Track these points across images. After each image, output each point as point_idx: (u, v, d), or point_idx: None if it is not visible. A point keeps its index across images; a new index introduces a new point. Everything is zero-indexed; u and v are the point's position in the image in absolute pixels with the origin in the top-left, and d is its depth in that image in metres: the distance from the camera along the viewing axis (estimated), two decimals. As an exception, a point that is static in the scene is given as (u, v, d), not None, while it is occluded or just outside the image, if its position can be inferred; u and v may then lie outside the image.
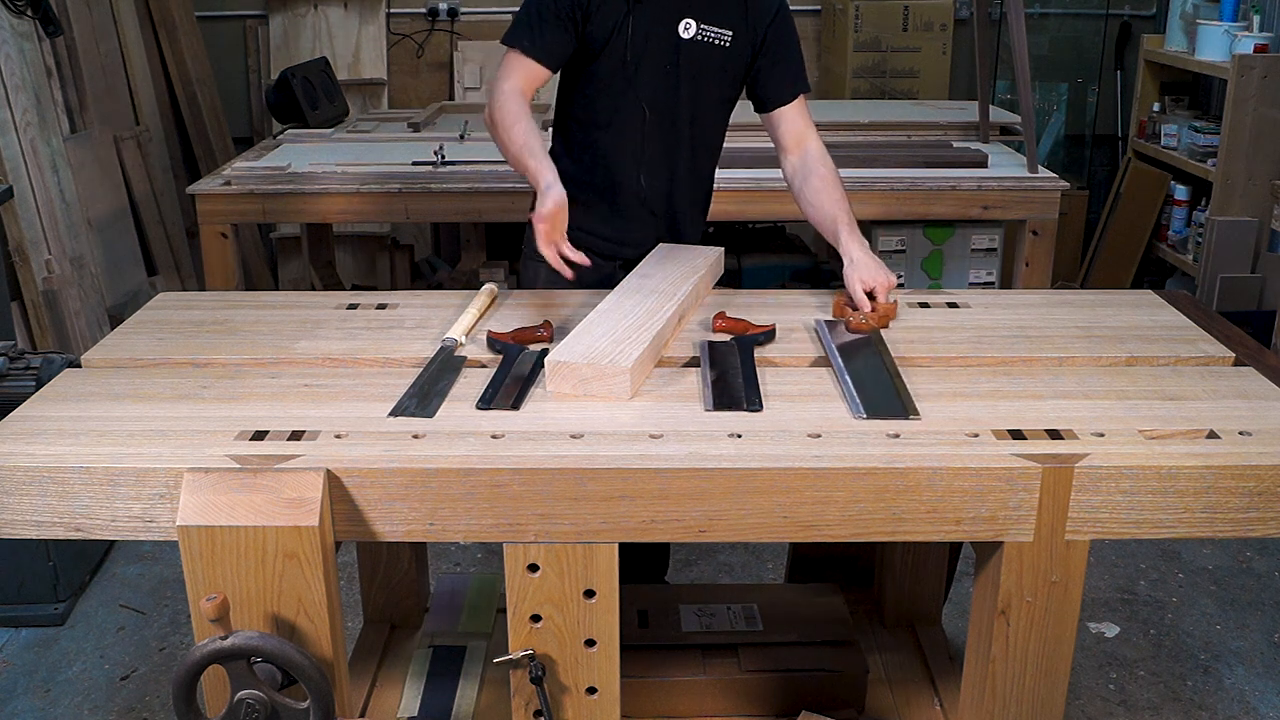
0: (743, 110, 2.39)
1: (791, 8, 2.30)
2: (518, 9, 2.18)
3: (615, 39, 2.15)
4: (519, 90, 2.13)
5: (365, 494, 1.54)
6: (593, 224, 2.28)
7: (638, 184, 2.28)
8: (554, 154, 2.27)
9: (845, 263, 2.08)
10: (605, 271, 2.27)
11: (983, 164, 3.51)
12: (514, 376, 1.80)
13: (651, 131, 2.24)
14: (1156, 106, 4.89)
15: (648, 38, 2.16)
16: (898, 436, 1.60)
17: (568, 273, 1.96)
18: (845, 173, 3.37)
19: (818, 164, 2.24)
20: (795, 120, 2.27)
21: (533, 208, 2.08)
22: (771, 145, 3.74)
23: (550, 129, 2.40)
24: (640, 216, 2.32)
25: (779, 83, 2.26)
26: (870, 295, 2.03)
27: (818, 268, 4.62)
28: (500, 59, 2.18)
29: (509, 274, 4.89)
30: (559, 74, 2.25)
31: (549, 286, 2.27)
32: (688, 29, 2.17)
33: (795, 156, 2.27)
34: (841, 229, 2.13)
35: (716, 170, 2.42)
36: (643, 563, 2.64)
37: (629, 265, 2.25)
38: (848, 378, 1.78)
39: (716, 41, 2.19)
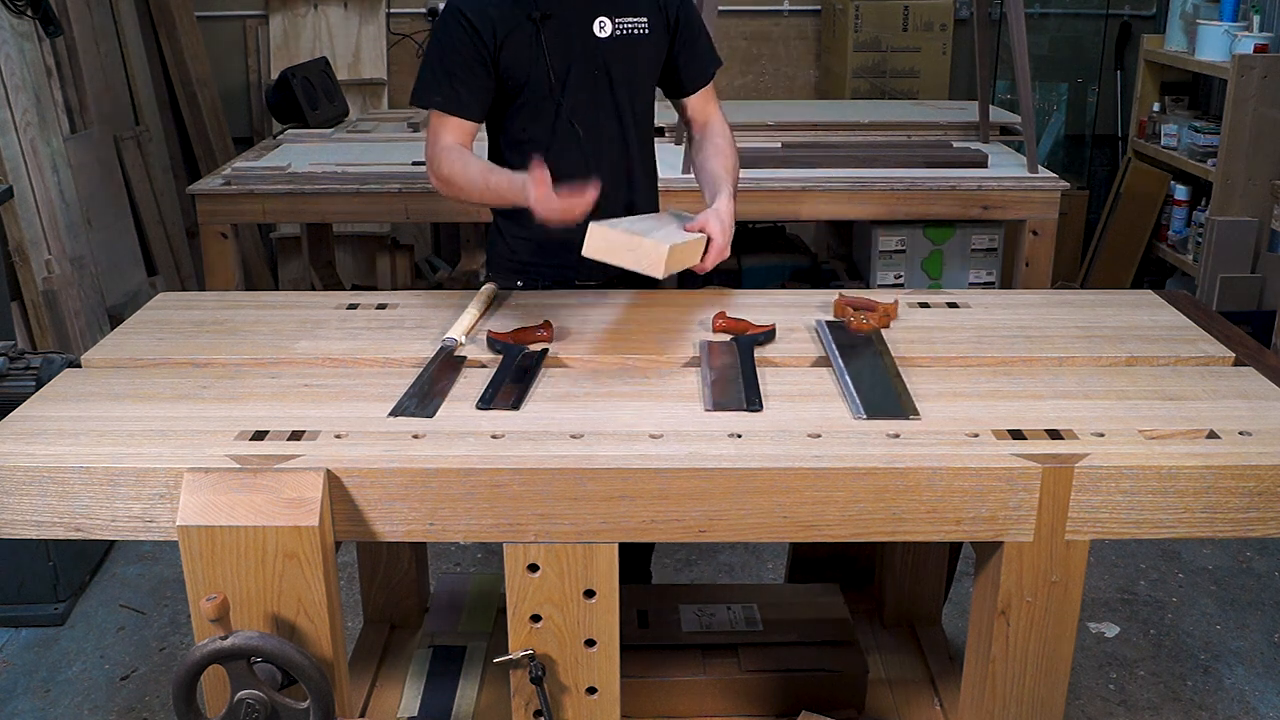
0: (742, 111, 2.39)
1: (791, 8, 2.29)
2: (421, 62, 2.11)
3: (534, 63, 2.09)
4: (456, 144, 2.09)
5: (365, 494, 1.54)
6: (560, 256, 2.21)
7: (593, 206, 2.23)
8: None
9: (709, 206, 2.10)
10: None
11: (983, 164, 3.51)
12: (514, 376, 1.80)
13: (590, 147, 2.18)
14: (1156, 106, 4.89)
15: (567, 50, 2.10)
16: (898, 436, 1.60)
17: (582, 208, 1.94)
18: (845, 173, 3.42)
19: (715, 135, 2.28)
20: (704, 100, 2.29)
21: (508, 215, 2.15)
22: (774, 146, 3.75)
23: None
24: (577, 238, 2.22)
25: (698, 65, 2.26)
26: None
27: (818, 268, 4.62)
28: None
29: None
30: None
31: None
32: (603, 28, 2.12)
33: (699, 132, 2.31)
34: (722, 185, 2.15)
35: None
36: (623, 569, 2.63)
37: (599, 286, 2.23)
38: (848, 378, 1.78)
39: (635, 31, 2.15)
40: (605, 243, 1.84)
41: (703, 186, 2.22)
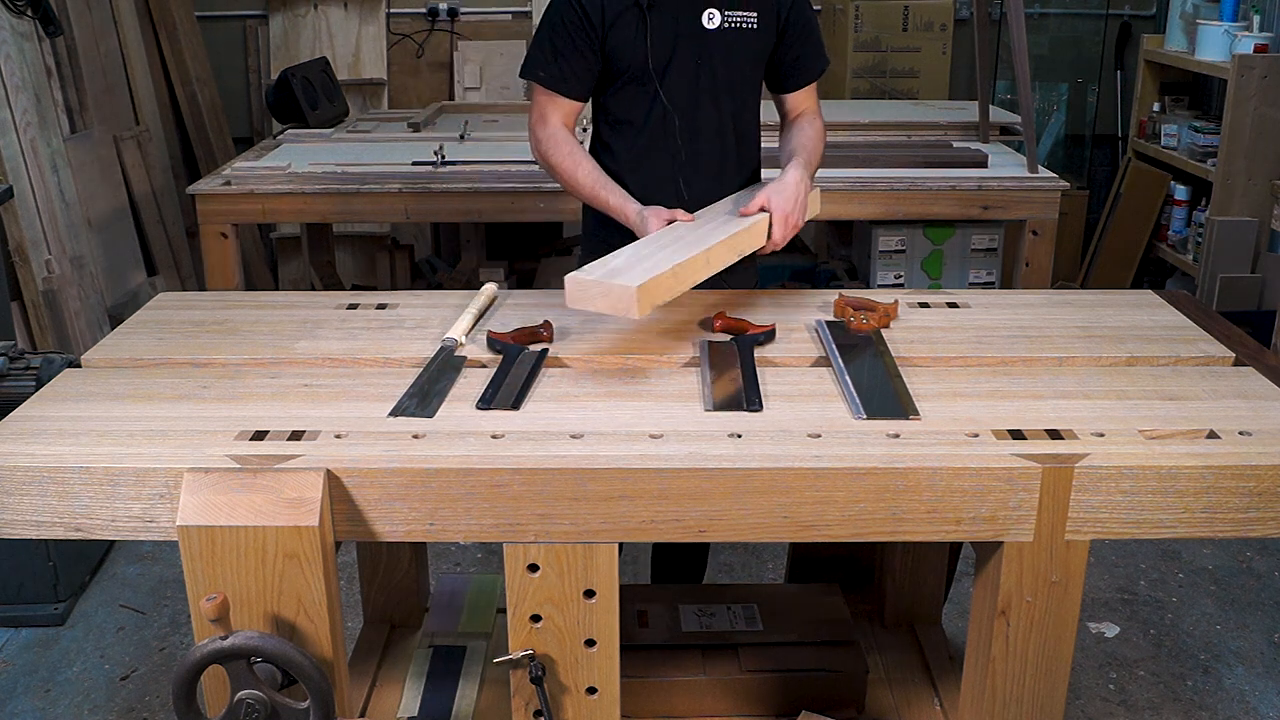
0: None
1: (792, 8, 2.28)
2: (534, 34, 2.17)
3: (636, 46, 2.12)
4: (561, 127, 2.17)
5: (365, 494, 1.54)
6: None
7: (678, 190, 2.22)
8: (595, 153, 2.26)
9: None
10: None
11: (983, 164, 3.51)
12: (514, 376, 1.80)
13: (684, 135, 2.20)
14: (1156, 106, 4.89)
15: (672, 37, 2.12)
16: (898, 436, 1.60)
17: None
18: (845, 173, 3.41)
19: (805, 123, 2.28)
20: (805, 96, 2.28)
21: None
22: (774, 146, 3.74)
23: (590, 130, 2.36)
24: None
25: (806, 64, 2.25)
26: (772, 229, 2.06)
27: (817, 268, 4.62)
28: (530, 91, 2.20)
29: (509, 274, 4.89)
30: None
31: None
32: (712, 19, 2.13)
33: (791, 122, 2.30)
34: (794, 157, 2.17)
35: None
36: (682, 564, 2.64)
37: None
38: (848, 378, 1.78)
39: (744, 25, 2.15)
40: (580, 292, 1.77)
41: (782, 162, 2.21)
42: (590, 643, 1.63)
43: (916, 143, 3.82)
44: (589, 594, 1.60)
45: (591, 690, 1.67)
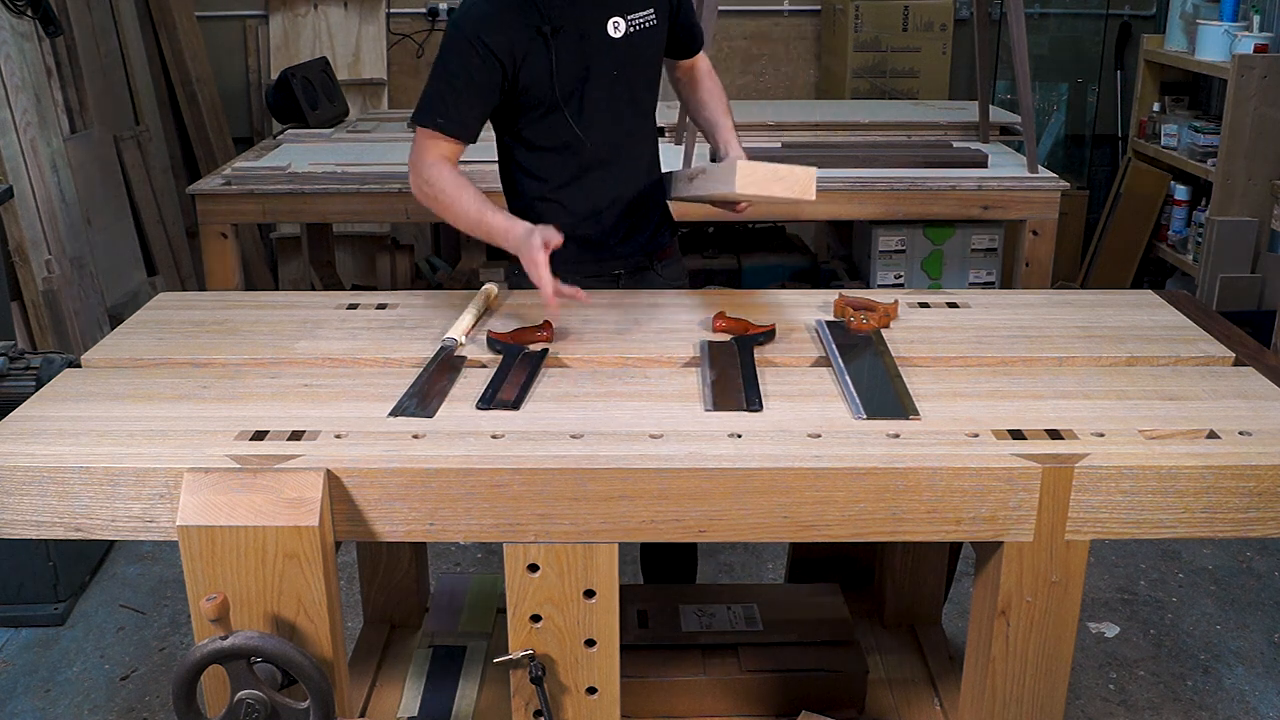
0: (742, 111, 2.39)
1: (791, 8, 2.30)
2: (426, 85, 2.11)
3: (549, 76, 2.06)
4: (444, 162, 2.08)
5: (365, 494, 1.54)
6: (566, 262, 2.18)
7: (615, 198, 2.21)
8: (515, 179, 2.24)
9: (725, 155, 2.21)
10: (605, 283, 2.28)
11: (983, 164, 3.51)
12: (514, 376, 1.80)
13: (602, 151, 2.16)
14: (1156, 106, 4.89)
15: (583, 56, 2.08)
16: (898, 436, 1.60)
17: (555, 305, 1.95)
18: (845, 173, 3.41)
19: (705, 77, 2.35)
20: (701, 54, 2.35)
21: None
22: (774, 146, 3.74)
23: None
24: (607, 234, 2.24)
25: (695, 35, 2.30)
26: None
27: (818, 268, 4.62)
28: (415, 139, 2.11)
29: (509, 274, 4.89)
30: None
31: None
32: (617, 28, 2.10)
33: (685, 75, 2.36)
34: (723, 131, 2.26)
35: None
36: (672, 564, 2.64)
37: (627, 274, 2.27)
38: (848, 378, 1.78)
39: (646, 25, 2.14)
40: (754, 176, 1.93)
41: (709, 130, 2.32)
42: (590, 643, 1.63)
43: (916, 143, 3.82)
44: (589, 594, 1.60)
45: (591, 690, 1.67)
